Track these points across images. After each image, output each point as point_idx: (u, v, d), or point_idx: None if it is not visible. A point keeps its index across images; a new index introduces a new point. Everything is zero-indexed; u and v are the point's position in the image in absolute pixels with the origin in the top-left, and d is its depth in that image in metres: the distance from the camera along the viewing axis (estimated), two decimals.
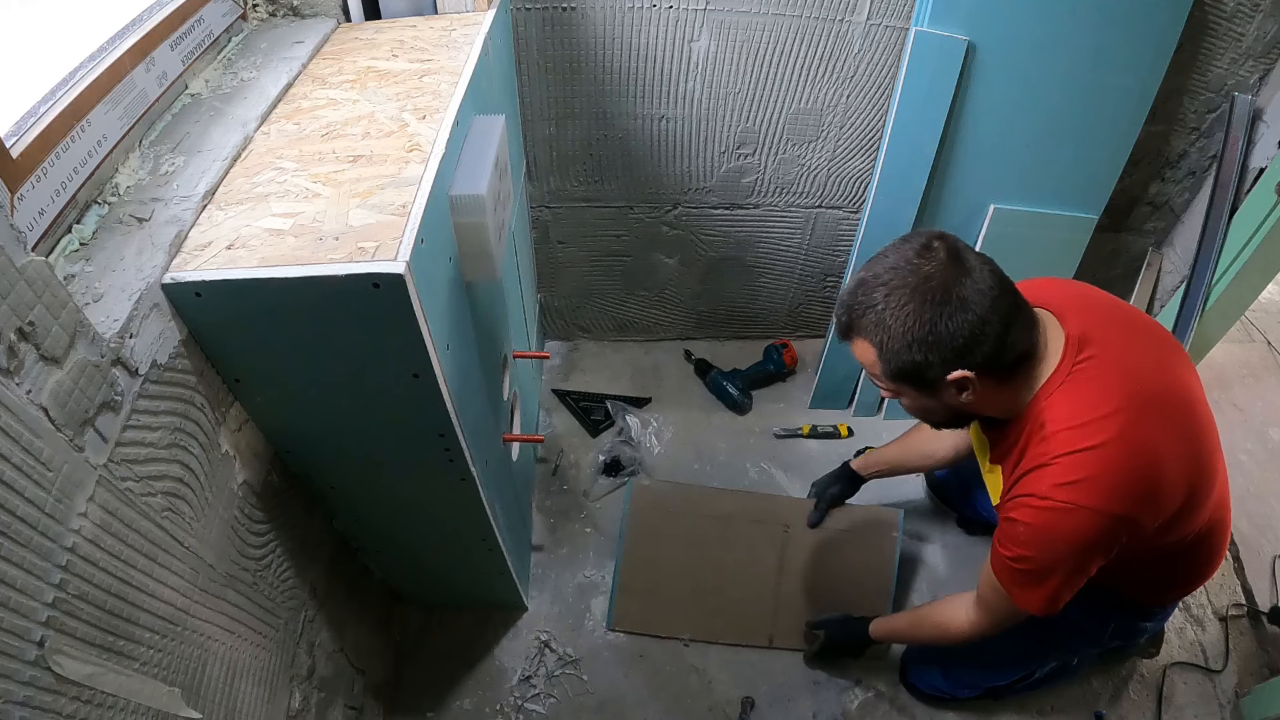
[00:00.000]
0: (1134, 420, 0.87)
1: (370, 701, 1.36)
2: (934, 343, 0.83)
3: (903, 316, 0.84)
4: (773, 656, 1.51)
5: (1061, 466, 0.87)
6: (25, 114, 0.76)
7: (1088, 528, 0.87)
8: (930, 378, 0.87)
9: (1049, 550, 0.91)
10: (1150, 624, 1.24)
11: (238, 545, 0.91)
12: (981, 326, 0.82)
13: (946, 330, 0.83)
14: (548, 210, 1.79)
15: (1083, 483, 0.86)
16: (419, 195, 0.82)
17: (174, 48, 0.99)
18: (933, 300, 0.82)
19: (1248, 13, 1.48)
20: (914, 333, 0.84)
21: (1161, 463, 0.89)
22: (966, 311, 0.82)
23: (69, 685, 0.60)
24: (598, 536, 1.70)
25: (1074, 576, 0.93)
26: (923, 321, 0.83)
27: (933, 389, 0.89)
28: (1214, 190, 1.68)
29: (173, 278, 0.75)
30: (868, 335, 0.88)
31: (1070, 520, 0.88)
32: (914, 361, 0.86)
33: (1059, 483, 0.87)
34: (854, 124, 1.64)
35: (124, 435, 0.69)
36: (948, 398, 0.90)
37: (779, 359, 2.01)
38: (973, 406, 0.92)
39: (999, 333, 0.84)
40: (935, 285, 0.83)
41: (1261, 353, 2.20)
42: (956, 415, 0.97)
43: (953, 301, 0.82)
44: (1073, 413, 0.88)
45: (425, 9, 1.26)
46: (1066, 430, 0.87)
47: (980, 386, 0.88)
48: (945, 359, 0.84)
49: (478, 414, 1.08)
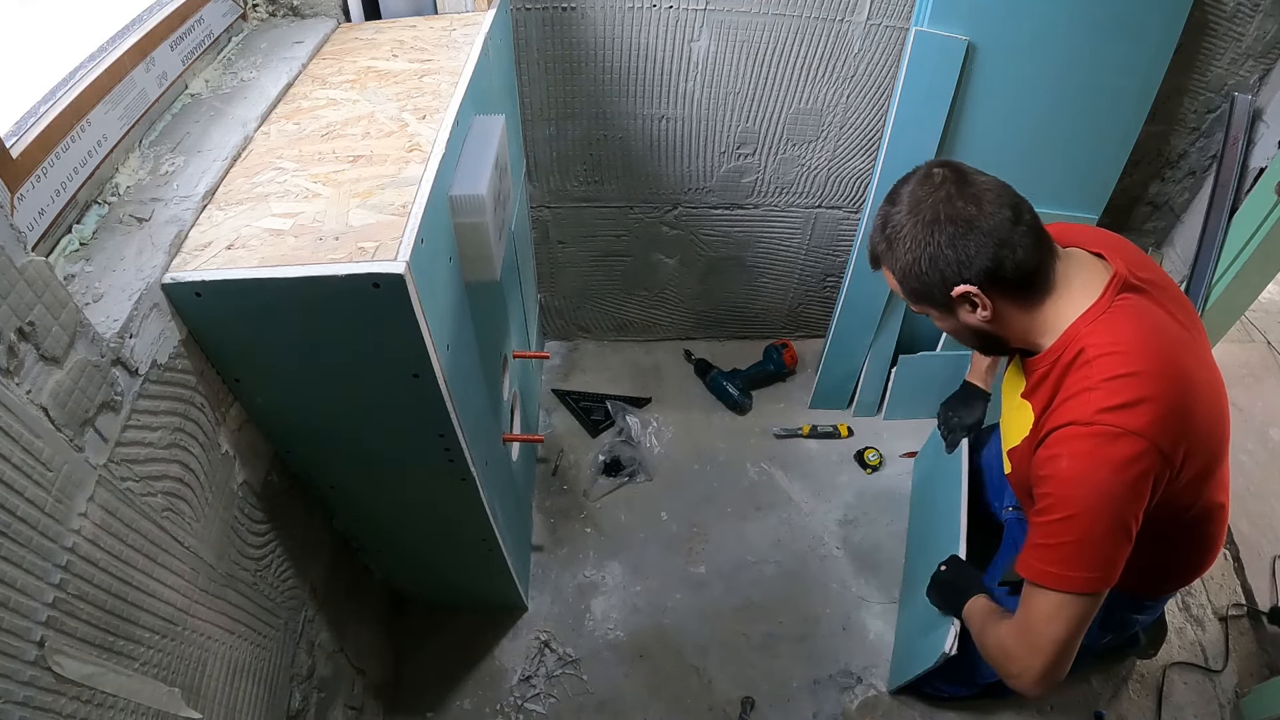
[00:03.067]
0: (1175, 355, 0.88)
1: (370, 701, 1.36)
2: (933, 260, 0.90)
3: (908, 242, 0.91)
4: (773, 656, 1.51)
5: (1107, 391, 0.85)
6: (25, 114, 0.76)
7: (1136, 455, 0.84)
8: (940, 297, 0.92)
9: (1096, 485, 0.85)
10: (1143, 617, 1.21)
11: (238, 545, 0.91)
12: (977, 242, 0.87)
13: (940, 248, 0.89)
14: (548, 210, 1.79)
15: (1131, 407, 0.84)
16: (419, 195, 0.82)
17: (174, 48, 0.99)
18: (925, 221, 0.89)
19: (1248, 13, 1.48)
20: (914, 254, 0.91)
21: (1198, 403, 0.89)
22: (959, 228, 0.88)
23: (69, 685, 0.60)
24: (598, 536, 1.70)
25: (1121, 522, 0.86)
26: (919, 243, 0.90)
27: (948, 308, 0.94)
28: (1214, 190, 1.68)
29: (173, 278, 0.75)
30: (886, 263, 0.96)
31: (1119, 448, 0.84)
32: (922, 281, 0.92)
33: (1105, 406, 0.84)
34: (854, 124, 1.64)
35: (124, 435, 0.69)
36: (964, 316, 0.94)
37: (779, 359, 2.01)
38: (996, 328, 0.95)
39: (995, 248, 0.87)
40: (929, 207, 0.89)
41: (1261, 353, 2.20)
42: (984, 338, 0.98)
43: (941, 221, 0.88)
44: (1116, 340, 0.87)
45: (425, 9, 1.26)
46: (1109, 355, 0.86)
47: (994, 305, 0.91)
48: (945, 277, 0.90)
49: (478, 414, 1.08)
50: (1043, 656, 0.92)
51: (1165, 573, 1.13)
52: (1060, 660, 0.91)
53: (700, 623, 1.56)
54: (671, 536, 1.71)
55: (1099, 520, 0.86)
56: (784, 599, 1.60)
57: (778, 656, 1.51)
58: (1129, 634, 1.36)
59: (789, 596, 1.60)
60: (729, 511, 1.76)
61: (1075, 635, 0.90)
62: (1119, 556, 0.87)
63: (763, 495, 1.78)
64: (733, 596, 1.59)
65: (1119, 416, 0.84)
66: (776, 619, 1.57)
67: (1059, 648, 0.90)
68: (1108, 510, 0.85)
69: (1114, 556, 0.87)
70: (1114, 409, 0.84)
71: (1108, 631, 1.22)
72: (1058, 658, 0.91)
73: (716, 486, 1.81)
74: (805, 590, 1.62)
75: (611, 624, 1.56)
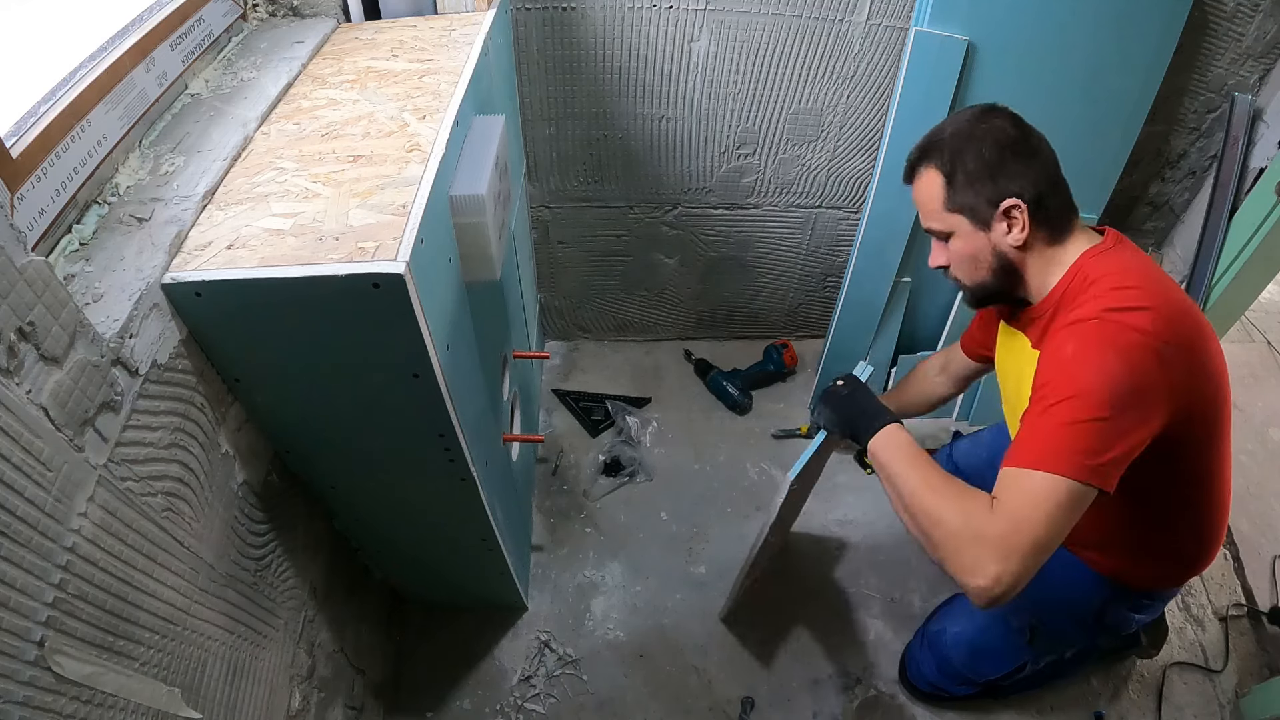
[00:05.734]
0: (1177, 291, 0.91)
1: (370, 701, 1.36)
2: (996, 167, 0.92)
3: (975, 146, 0.93)
4: (773, 657, 1.51)
5: (1113, 296, 0.87)
6: (25, 114, 0.76)
7: (1143, 352, 0.82)
8: (984, 207, 0.94)
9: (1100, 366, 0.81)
10: (1140, 616, 1.19)
11: (238, 545, 0.91)
12: (1038, 168, 0.93)
13: (1006, 160, 0.92)
14: (548, 210, 1.79)
15: (1138, 311, 0.84)
16: (419, 195, 0.82)
17: (174, 48, 0.99)
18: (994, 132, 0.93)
19: (1248, 13, 1.48)
20: (977, 158, 0.93)
21: (1204, 346, 0.90)
22: (1025, 150, 0.93)
23: (69, 685, 0.60)
24: (598, 536, 1.70)
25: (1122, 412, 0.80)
26: (985, 148, 0.93)
27: (985, 222, 0.95)
28: (1214, 190, 1.68)
29: (173, 278, 0.75)
30: (937, 163, 0.97)
31: (1126, 338, 0.82)
32: (974, 186, 0.94)
33: (1111, 306, 0.85)
34: (854, 124, 1.64)
35: (124, 435, 0.69)
36: (996, 234, 0.95)
37: (779, 359, 2.01)
38: (1016, 258, 0.96)
39: (1050, 178, 0.93)
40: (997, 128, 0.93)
41: (1261, 353, 2.20)
42: (997, 272, 0.98)
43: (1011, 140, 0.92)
44: (1124, 266, 0.91)
45: (425, 9, 1.26)
46: (1114, 274, 0.90)
47: (1028, 231, 0.93)
48: (1000, 187, 0.92)
49: (478, 414, 1.08)
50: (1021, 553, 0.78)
51: (1165, 565, 1.11)
52: (1033, 561, 0.79)
53: (700, 623, 1.56)
54: (671, 536, 1.70)
55: (1103, 402, 0.80)
56: (784, 599, 1.60)
57: (778, 656, 1.51)
58: (1128, 634, 1.35)
59: (789, 596, 1.60)
60: (729, 511, 1.76)
61: (1055, 534, 0.80)
62: (1115, 452, 0.80)
63: (763, 495, 1.78)
64: None
65: (1126, 316, 0.84)
66: (776, 619, 1.57)
67: (1041, 544, 0.79)
68: (1114, 395, 0.80)
69: (1110, 447, 0.80)
70: (1121, 310, 0.85)
71: (1106, 632, 1.21)
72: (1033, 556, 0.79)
73: (716, 486, 1.81)
74: (805, 590, 1.62)
75: (611, 624, 1.55)
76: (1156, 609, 1.23)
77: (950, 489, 0.88)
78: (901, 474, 0.94)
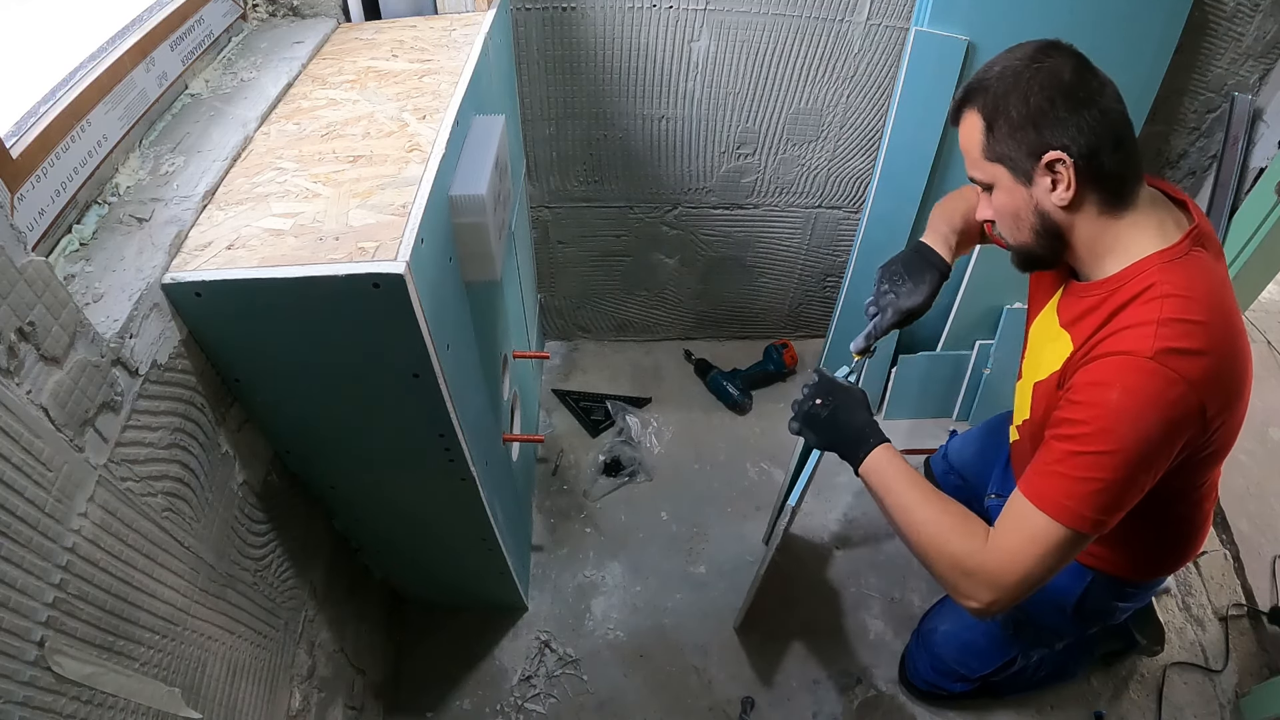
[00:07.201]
0: (1236, 319, 0.86)
1: (370, 701, 1.36)
2: (1041, 113, 0.82)
3: (1021, 88, 0.83)
4: (773, 656, 1.51)
5: (1174, 331, 0.80)
6: (25, 114, 0.76)
7: (1184, 409, 0.80)
8: (1026, 158, 0.85)
9: (1142, 427, 0.79)
10: (1126, 605, 1.17)
11: (238, 545, 0.91)
12: (1093, 117, 0.81)
13: (1054, 105, 0.82)
14: (548, 210, 1.79)
15: (1193, 356, 0.79)
16: (419, 195, 0.82)
17: (174, 48, 0.99)
18: (1047, 73, 0.83)
19: (1247, 13, 1.48)
20: (1023, 101, 0.83)
21: (1243, 379, 0.87)
22: (1080, 96, 0.82)
23: (69, 685, 0.60)
24: (598, 536, 1.70)
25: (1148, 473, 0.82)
26: (1034, 91, 0.83)
27: (1027, 175, 0.86)
28: (1214, 190, 1.68)
29: (173, 278, 0.75)
30: (979, 105, 0.87)
31: (1173, 394, 0.79)
32: (1017, 133, 0.84)
33: (1170, 348, 0.79)
34: (854, 124, 1.64)
35: (124, 435, 0.69)
36: (1039, 191, 0.86)
37: (779, 359, 2.01)
38: (1063, 221, 0.87)
39: (1109, 131, 0.82)
40: (1054, 67, 0.83)
41: (1261, 353, 2.20)
42: (1040, 233, 0.90)
43: (1065, 83, 0.82)
44: (1191, 286, 0.83)
45: (425, 9, 1.26)
46: (1181, 298, 0.82)
47: (1074, 190, 0.84)
48: (1044, 137, 0.83)
49: (478, 414, 1.08)
50: (1012, 588, 0.84)
51: (1153, 552, 1.10)
52: (1024, 593, 0.85)
53: (700, 623, 1.56)
54: (671, 536, 1.71)
55: (1131, 464, 0.80)
56: (784, 599, 1.60)
57: (778, 656, 1.51)
58: (1114, 624, 1.32)
59: (789, 596, 1.60)
60: (729, 511, 1.76)
61: (1052, 572, 0.85)
62: (1127, 507, 0.83)
63: (763, 495, 1.78)
64: (733, 596, 1.59)
65: (1181, 362, 0.79)
66: (776, 619, 1.57)
67: (1032, 580, 0.84)
68: (1143, 457, 0.81)
69: (1125, 505, 0.83)
70: (1178, 353, 0.79)
71: (1089, 621, 1.19)
72: (1024, 590, 0.85)
73: (716, 486, 1.81)
74: (805, 590, 1.62)
75: (611, 624, 1.56)
76: (1143, 598, 1.20)
77: (946, 517, 0.90)
78: (895, 503, 0.94)
